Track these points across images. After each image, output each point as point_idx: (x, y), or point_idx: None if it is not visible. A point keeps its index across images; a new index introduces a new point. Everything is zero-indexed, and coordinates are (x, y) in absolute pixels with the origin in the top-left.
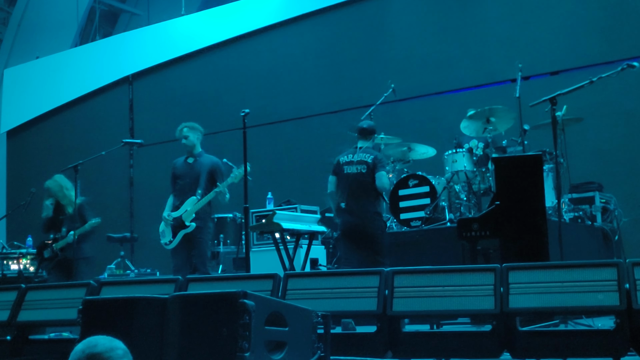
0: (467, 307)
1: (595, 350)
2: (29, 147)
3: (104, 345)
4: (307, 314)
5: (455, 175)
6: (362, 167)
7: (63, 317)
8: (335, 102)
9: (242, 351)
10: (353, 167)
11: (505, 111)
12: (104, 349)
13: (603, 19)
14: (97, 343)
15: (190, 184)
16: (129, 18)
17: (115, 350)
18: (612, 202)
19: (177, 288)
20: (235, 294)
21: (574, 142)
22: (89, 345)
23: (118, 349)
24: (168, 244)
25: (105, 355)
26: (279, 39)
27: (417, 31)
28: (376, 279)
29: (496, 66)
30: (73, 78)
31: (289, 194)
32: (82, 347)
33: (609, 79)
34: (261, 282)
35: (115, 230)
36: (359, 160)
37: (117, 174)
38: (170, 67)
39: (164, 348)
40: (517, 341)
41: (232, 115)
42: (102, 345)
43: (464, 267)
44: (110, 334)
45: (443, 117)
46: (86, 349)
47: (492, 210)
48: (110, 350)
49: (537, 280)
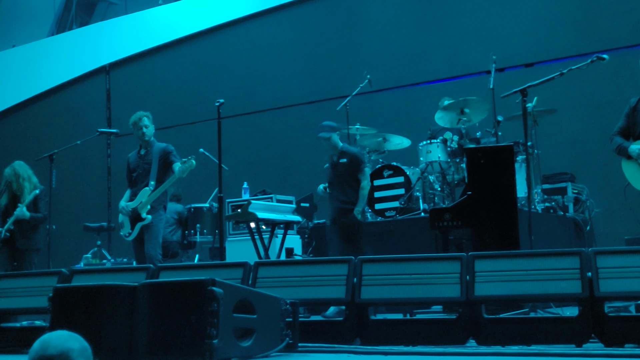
0: (434, 294)
1: (559, 336)
2: (5, 135)
3: (56, 348)
4: (276, 301)
5: (430, 165)
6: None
7: (35, 305)
8: (312, 92)
9: (210, 338)
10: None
11: (479, 102)
12: (56, 351)
13: (576, 13)
14: (50, 345)
15: (144, 175)
16: (106, 7)
17: (69, 352)
18: (585, 193)
19: (149, 276)
20: (204, 282)
21: (548, 133)
22: (42, 346)
23: (72, 351)
24: (127, 236)
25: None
26: (257, 29)
27: (393, 23)
28: (345, 267)
29: (471, 58)
30: (50, 67)
31: (264, 183)
32: (37, 346)
33: (583, 71)
34: (232, 270)
35: (93, 220)
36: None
37: (95, 163)
38: (147, 57)
39: (134, 335)
40: (482, 328)
41: (210, 105)
42: (55, 348)
43: (431, 256)
44: (81, 321)
45: (418, 108)
46: (40, 350)
47: (464, 200)
48: (63, 353)
49: (502, 269)
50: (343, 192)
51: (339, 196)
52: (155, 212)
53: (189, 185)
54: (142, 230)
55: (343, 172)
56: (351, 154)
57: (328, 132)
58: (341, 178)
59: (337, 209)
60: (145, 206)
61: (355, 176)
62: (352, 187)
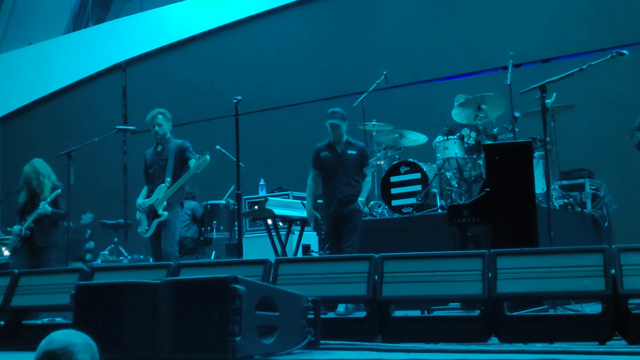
0: (455, 292)
1: (582, 334)
2: (22, 133)
3: (59, 342)
4: (297, 298)
5: (447, 162)
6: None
7: (56, 303)
8: (328, 89)
9: (233, 335)
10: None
11: (496, 98)
12: (58, 345)
13: (594, 7)
14: (53, 340)
15: (160, 171)
16: (121, 4)
17: (70, 346)
18: (602, 189)
19: (169, 273)
20: (226, 279)
21: (565, 129)
22: (47, 342)
23: (74, 345)
24: (144, 233)
25: (59, 352)
26: (272, 26)
27: (409, 18)
28: (366, 264)
29: (487, 54)
30: (66, 64)
31: (281, 180)
32: (42, 343)
33: (600, 67)
34: (252, 268)
35: (109, 217)
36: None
37: (111, 160)
38: (163, 54)
39: (156, 332)
40: (504, 326)
41: (225, 102)
42: (58, 342)
43: (453, 253)
44: (103, 318)
45: (434, 105)
46: (44, 345)
47: (483, 196)
48: (65, 347)
49: (524, 266)
50: (348, 184)
51: (342, 188)
52: (171, 209)
53: (205, 182)
54: (159, 227)
55: (351, 164)
56: (360, 147)
57: (340, 120)
58: (348, 170)
59: (339, 200)
60: (161, 203)
61: (360, 170)
62: (356, 180)
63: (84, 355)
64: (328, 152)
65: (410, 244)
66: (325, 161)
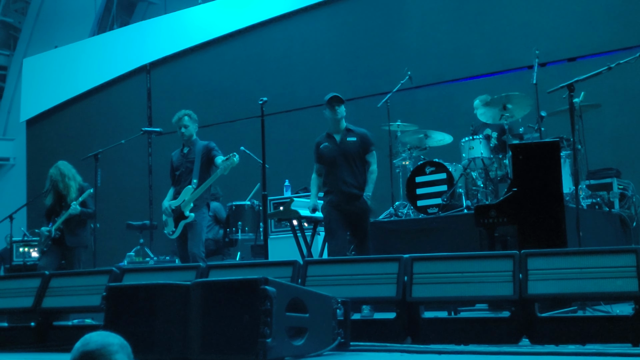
0: (486, 293)
1: (614, 336)
2: (49, 135)
3: (96, 343)
4: (327, 300)
5: (472, 162)
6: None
7: (86, 304)
8: (351, 89)
9: (263, 337)
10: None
11: (522, 98)
12: (96, 346)
13: (620, 5)
14: (90, 341)
15: (186, 173)
16: (146, 7)
17: (108, 347)
18: (630, 189)
19: (198, 275)
20: (257, 281)
21: (592, 128)
22: (83, 343)
23: (111, 345)
24: (171, 234)
25: (97, 352)
26: (296, 27)
27: (433, 18)
28: (395, 265)
29: (513, 53)
30: (91, 67)
31: (306, 181)
32: (78, 344)
33: (627, 65)
34: (281, 269)
35: (135, 218)
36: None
37: (136, 162)
38: (187, 56)
39: (187, 333)
40: (536, 327)
41: (250, 103)
42: (95, 343)
43: (483, 254)
44: (134, 319)
45: (459, 104)
46: (81, 346)
47: (510, 196)
48: (103, 348)
49: (555, 267)
50: (351, 174)
51: (345, 178)
52: (198, 210)
53: (229, 183)
54: (186, 229)
55: (352, 152)
56: (360, 133)
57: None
58: (350, 158)
59: (343, 193)
60: (188, 204)
61: (363, 157)
62: (360, 170)
63: (122, 356)
64: (327, 143)
65: (436, 244)
66: (325, 152)
